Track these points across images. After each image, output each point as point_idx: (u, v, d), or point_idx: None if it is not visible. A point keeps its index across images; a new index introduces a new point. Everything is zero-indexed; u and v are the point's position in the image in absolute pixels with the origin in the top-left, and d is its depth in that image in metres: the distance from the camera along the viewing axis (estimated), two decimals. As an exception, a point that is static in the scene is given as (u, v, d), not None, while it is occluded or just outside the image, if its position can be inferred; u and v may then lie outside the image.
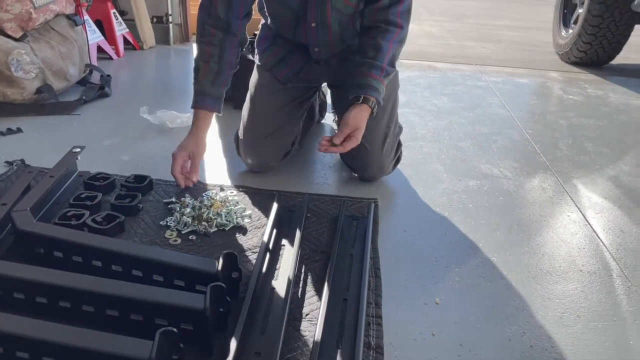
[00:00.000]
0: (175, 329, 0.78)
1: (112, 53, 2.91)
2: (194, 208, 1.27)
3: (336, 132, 1.29)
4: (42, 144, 1.70)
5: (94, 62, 2.61)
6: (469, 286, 1.09)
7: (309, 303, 0.99)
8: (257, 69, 1.55)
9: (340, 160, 1.63)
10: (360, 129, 1.26)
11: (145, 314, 0.86)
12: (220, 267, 0.95)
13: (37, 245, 1.04)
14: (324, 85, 1.82)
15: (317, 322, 0.92)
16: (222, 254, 0.97)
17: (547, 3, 5.82)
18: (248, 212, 1.30)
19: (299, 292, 1.03)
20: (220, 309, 0.88)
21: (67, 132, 1.81)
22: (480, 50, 4.02)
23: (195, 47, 1.39)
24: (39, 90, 2.00)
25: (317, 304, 0.99)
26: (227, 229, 1.22)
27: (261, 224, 1.26)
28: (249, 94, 1.54)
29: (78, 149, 1.43)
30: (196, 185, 1.41)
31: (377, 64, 1.28)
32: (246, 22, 1.37)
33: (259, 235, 1.21)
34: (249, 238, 1.20)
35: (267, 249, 1.12)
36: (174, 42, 3.43)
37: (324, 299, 0.97)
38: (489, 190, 1.55)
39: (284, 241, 1.18)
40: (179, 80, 2.66)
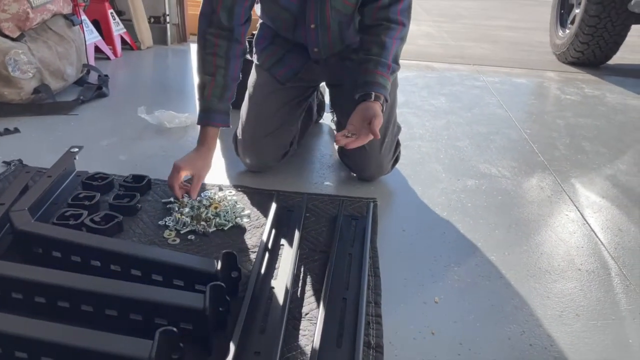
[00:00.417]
0: (175, 329, 0.78)
1: (109, 53, 2.90)
2: (192, 208, 1.27)
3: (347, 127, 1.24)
4: (40, 144, 1.69)
5: (92, 62, 2.60)
6: (468, 285, 1.09)
7: (309, 302, 0.99)
8: (255, 69, 1.55)
9: (339, 160, 1.63)
10: (379, 116, 1.20)
11: (144, 313, 0.86)
12: (219, 267, 0.95)
13: (35, 245, 1.04)
14: (322, 84, 1.82)
15: (316, 321, 0.91)
16: (222, 254, 0.97)
17: (544, 3, 5.85)
18: (247, 212, 1.30)
19: (299, 292, 1.02)
20: (220, 309, 0.88)
21: (65, 132, 1.80)
22: (477, 50, 4.03)
23: (195, 51, 1.36)
24: (36, 90, 1.99)
25: (316, 303, 0.99)
26: (225, 228, 1.22)
27: (260, 223, 1.26)
28: (248, 93, 1.53)
29: (76, 149, 1.43)
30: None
31: (383, 61, 1.26)
32: (247, 27, 1.36)
33: (258, 235, 1.20)
34: (247, 238, 1.20)
35: (266, 248, 1.12)
36: (172, 42, 3.42)
37: (323, 298, 0.97)
38: (488, 190, 1.55)
39: (283, 241, 1.18)
40: (176, 80, 2.66)
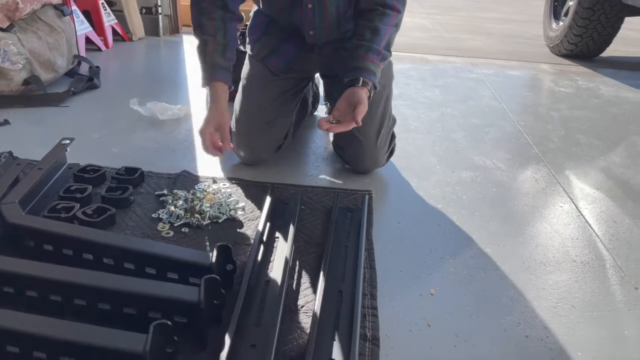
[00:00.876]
0: (169, 322, 0.77)
1: (100, 44, 2.87)
2: (186, 200, 1.26)
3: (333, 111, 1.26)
4: (30, 136, 1.67)
5: (83, 53, 2.57)
6: (464, 277, 1.09)
7: (304, 295, 0.99)
8: (249, 60, 1.54)
9: (334, 153, 1.62)
10: (363, 103, 1.21)
11: (138, 307, 0.85)
12: (214, 260, 0.94)
13: (26, 238, 1.02)
14: (317, 76, 1.81)
15: (312, 314, 0.91)
16: (216, 246, 0.96)
17: (538, -4, 5.83)
18: (241, 205, 1.29)
19: (294, 284, 1.02)
20: (215, 302, 0.87)
21: (56, 124, 1.78)
22: (471, 42, 4.02)
23: (192, 30, 1.36)
24: (26, 82, 1.97)
25: (312, 295, 0.98)
26: (220, 221, 1.21)
27: (255, 216, 1.25)
28: (241, 85, 1.52)
29: (67, 141, 1.40)
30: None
31: (375, 47, 1.26)
32: (240, 2, 1.36)
33: (253, 227, 1.19)
34: (242, 230, 1.19)
35: (261, 241, 1.11)
36: (164, 33, 3.38)
37: (319, 291, 0.96)
38: (482, 182, 1.55)
39: (278, 234, 1.17)
40: (169, 72, 2.63)
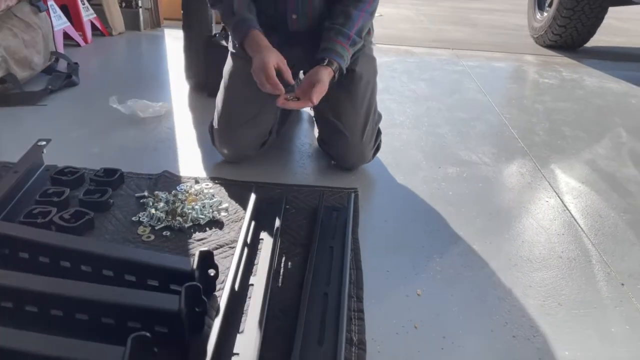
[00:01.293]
0: (149, 333, 0.74)
1: (79, 39, 2.80)
2: (167, 202, 1.23)
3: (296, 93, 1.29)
4: (6, 136, 1.62)
5: (60, 49, 2.50)
6: (451, 276, 1.08)
7: (289, 299, 0.97)
8: (231, 56, 1.50)
9: (319, 149, 1.60)
10: (321, 82, 1.26)
11: (117, 317, 0.82)
12: (195, 265, 0.92)
13: (1, 246, 0.99)
14: (301, 73, 1.78)
15: (297, 318, 0.89)
16: (198, 252, 0.93)
17: (522, -14, 5.82)
18: (224, 205, 1.26)
19: (278, 288, 1.00)
20: (196, 309, 0.85)
21: (33, 124, 1.73)
22: (456, 34, 4.01)
23: (211, 5, 1.39)
24: (2, 80, 1.91)
25: (297, 299, 0.96)
26: (202, 223, 1.18)
27: (238, 217, 1.22)
28: (223, 81, 1.49)
29: (44, 142, 1.36)
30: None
31: (345, 32, 1.31)
32: None
33: (237, 229, 1.17)
34: (226, 232, 1.17)
35: (245, 243, 1.08)
36: (144, 27, 3.31)
37: (304, 295, 0.94)
38: (469, 177, 1.54)
39: (263, 235, 1.14)
40: (150, 67, 2.58)
